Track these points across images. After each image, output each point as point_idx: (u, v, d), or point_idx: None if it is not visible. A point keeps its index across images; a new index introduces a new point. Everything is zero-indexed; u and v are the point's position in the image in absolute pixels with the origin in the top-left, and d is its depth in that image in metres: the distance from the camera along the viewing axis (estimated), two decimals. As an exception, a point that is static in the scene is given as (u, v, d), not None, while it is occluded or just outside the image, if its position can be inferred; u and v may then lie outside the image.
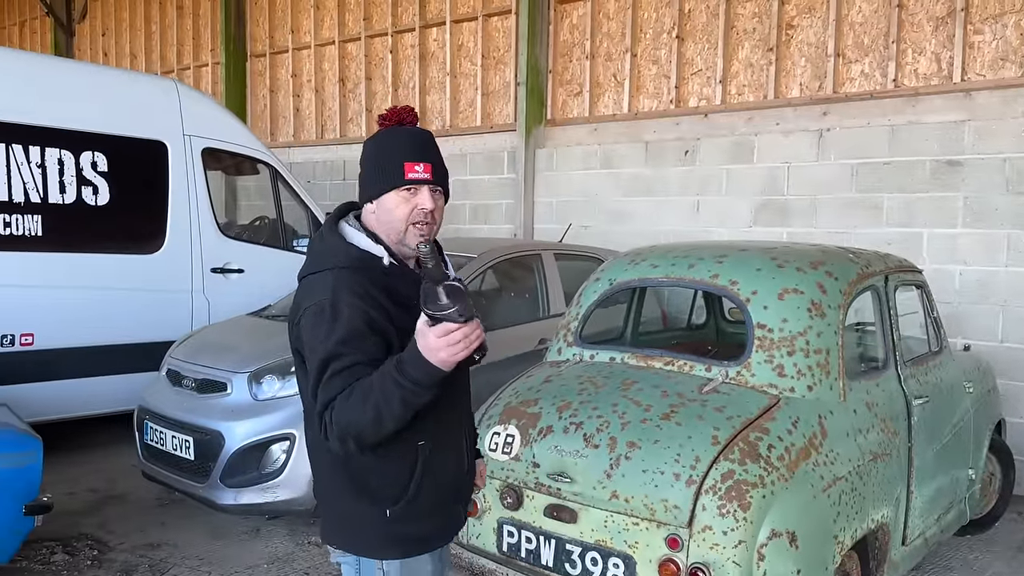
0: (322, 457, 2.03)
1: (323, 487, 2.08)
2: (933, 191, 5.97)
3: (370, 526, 1.98)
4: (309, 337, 1.89)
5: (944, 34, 6.02)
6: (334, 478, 2.00)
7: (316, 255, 2.02)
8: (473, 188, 8.87)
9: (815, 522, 2.90)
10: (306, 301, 1.93)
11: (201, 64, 12.20)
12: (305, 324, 1.91)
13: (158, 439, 4.78)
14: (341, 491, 1.99)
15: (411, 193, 1.95)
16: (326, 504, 2.08)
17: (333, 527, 2.07)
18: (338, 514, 2.03)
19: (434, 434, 1.98)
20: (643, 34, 7.62)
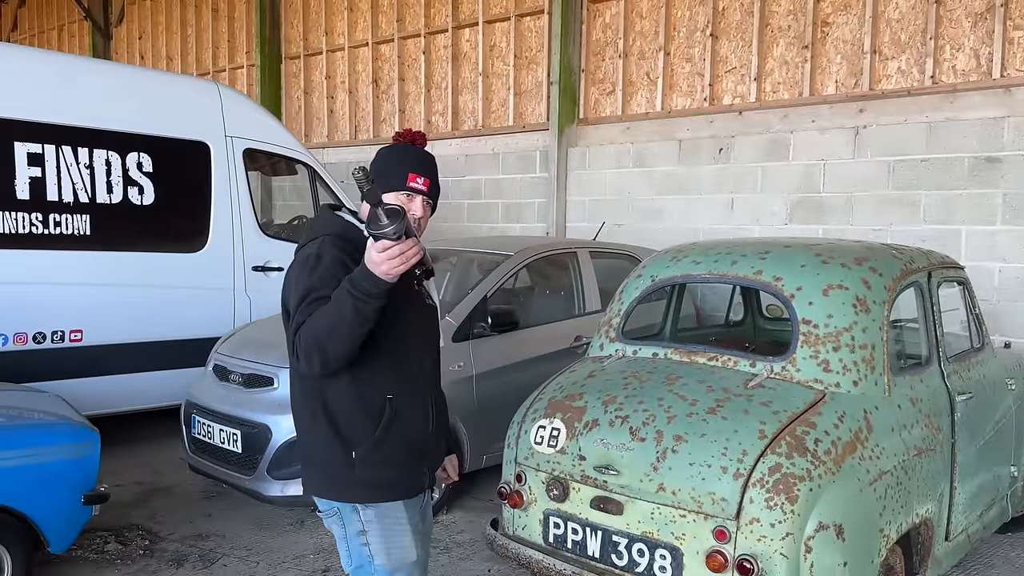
0: (304, 410, 2.26)
1: (304, 440, 2.30)
2: (971, 188, 5.94)
3: (344, 468, 2.20)
4: (293, 283, 2.17)
5: (983, 30, 5.98)
6: (314, 429, 2.23)
7: (309, 230, 2.31)
8: (505, 187, 8.94)
9: (861, 516, 2.92)
10: (303, 252, 2.22)
11: (236, 66, 12.38)
12: (291, 275, 2.20)
13: (206, 433, 4.89)
14: (320, 441, 2.22)
15: (407, 199, 2.25)
16: (307, 457, 2.30)
17: (314, 478, 2.29)
18: (318, 464, 2.26)
19: (399, 390, 2.24)
20: (676, 32, 7.64)
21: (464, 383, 5.00)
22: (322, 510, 2.31)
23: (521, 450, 3.48)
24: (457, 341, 5.04)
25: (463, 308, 5.17)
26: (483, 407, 5.02)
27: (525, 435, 3.48)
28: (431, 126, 9.85)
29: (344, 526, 2.26)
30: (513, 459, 3.51)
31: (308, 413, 2.24)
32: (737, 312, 5.51)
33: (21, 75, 5.53)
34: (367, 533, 2.24)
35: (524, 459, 3.45)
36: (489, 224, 9.10)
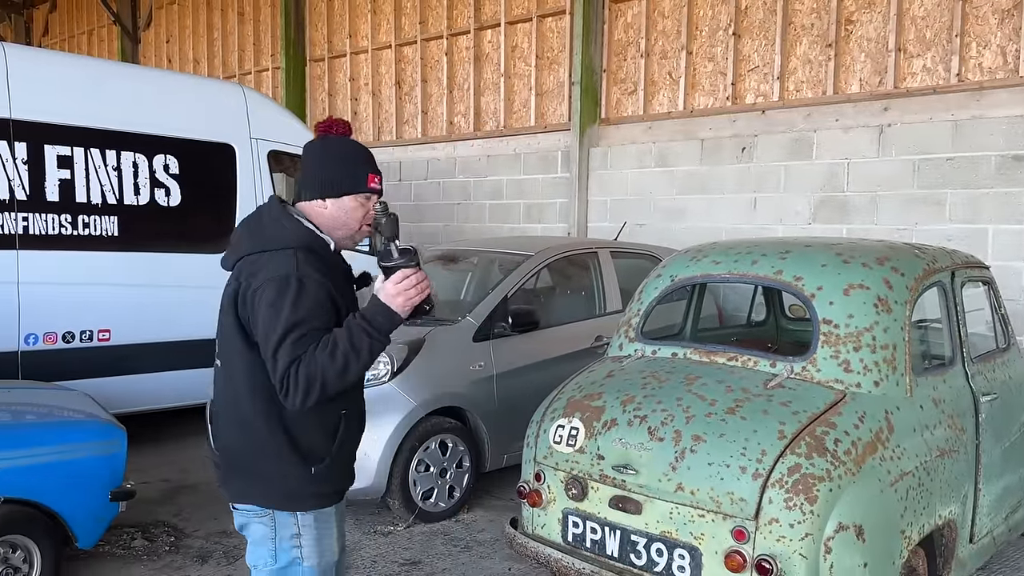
0: (257, 424, 2.16)
1: (242, 449, 2.21)
2: (998, 187, 5.87)
3: (295, 482, 2.17)
4: (270, 305, 2.06)
5: (1010, 27, 5.91)
6: (268, 443, 2.15)
7: (272, 234, 2.18)
8: (527, 187, 8.96)
9: (882, 516, 2.91)
10: (265, 273, 2.10)
11: (262, 69, 12.51)
12: (266, 294, 2.07)
13: (230, 431, 4.94)
14: (272, 454, 2.16)
15: (366, 199, 2.26)
16: (242, 465, 2.21)
17: (249, 486, 2.20)
18: (259, 473, 2.18)
19: (349, 403, 2.26)
20: (699, 31, 7.62)
21: (484, 383, 5.03)
22: (249, 511, 2.22)
23: (540, 449, 3.49)
24: (477, 341, 5.07)
25: (483, 308, 5.20)
26: (504, 406, 5.05)
27: (544, 434, 3.49)
28: (453, 127, 9.89)
29: (275, 528, 2.20)
30: (532, 458, 3.53)
31: (263, 428, 2.14)
32: (759, 312, 5.48)
33: (51, 79, 5.64)
34: (301, 536, 2.21)
35: (543, 458, 3.46)
36: (511, 224, 9.12)
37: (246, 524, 2.25)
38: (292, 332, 2.02)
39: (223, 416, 2.26)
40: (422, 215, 10.07)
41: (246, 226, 2.27)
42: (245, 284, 2.13)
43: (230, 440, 2.24)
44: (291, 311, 2.04)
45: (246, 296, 2.12)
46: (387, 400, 4.63)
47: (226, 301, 2.18)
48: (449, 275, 6.34)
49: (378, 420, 4.56)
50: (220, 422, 2.28)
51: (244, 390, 2.17)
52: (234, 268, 2.21)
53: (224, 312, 2.18)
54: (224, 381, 2.24)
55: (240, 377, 2.16)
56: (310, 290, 2.08)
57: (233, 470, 2.24)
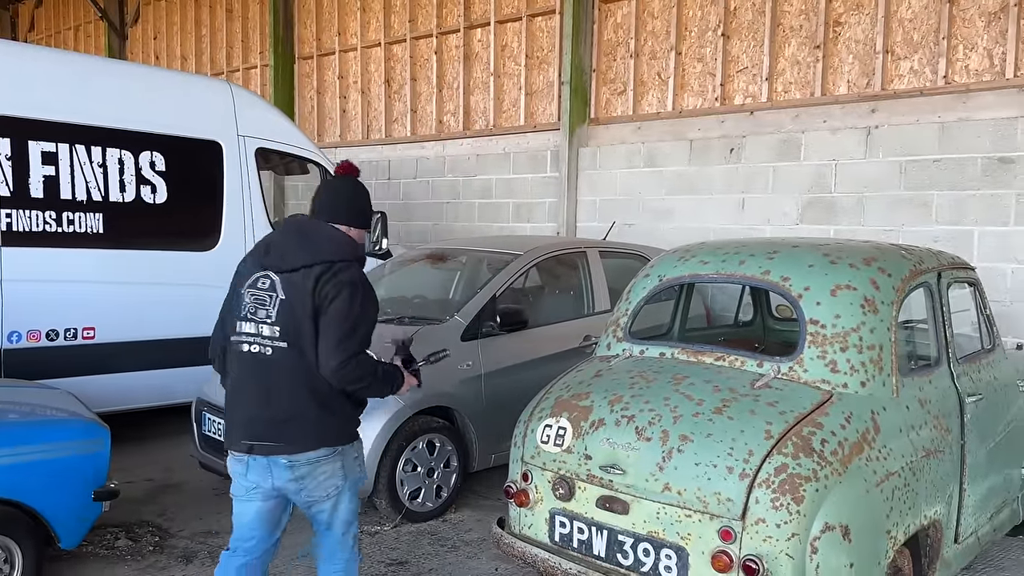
0: (318, 387, 2.87)
1: (314, 409, 2.88)
2: (985, 188, 5.90)
3: (352, 423, 3.06)
4: (347, 303, 2.81)
5: (996, 30, 5.94)
6: (334, 398, 2.91)
7: (340, 245, 2.94)
8: (516, 187, 8.95)
9: (868, 517, 2.91)
10: (349, 276, 2.85)
11: (250, 66, 12.45)
12: (345, 295, 2.81)
13: (216, 430, 4.92)
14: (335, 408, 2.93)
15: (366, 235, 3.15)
16: (314, 421, 2.89)
17: (323, 434, 2.92)
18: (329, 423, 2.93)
19: None
20: (688, 32, 7.63)
21: (472, 382, 5.02)
22: (319, 454, 2.90)
23: (527, 449, 3.48)
24: (466, 340, 5.05)
25: (472, 307, 5.19)
26: (491, 406, 5.03)
27: (531, 434, 3.49)
28: (443, 126, 9.87)
29: (343, 457, 2.98)
30: (519, 458, 3.52)
31: (332, 390, 2.88)
32: (747, 312, 5.49)
33: (37, 75, 5.59)
34: (357, 457, 3.09)
35: (530, 458, 3.46)
36: (500, 224, 9.11)
37: (311, 470, 2.90)
38: (359, 328, 2.84)
39: (288, 387, 2.87)
40: (411, 214, 10.04)
41: (299, 235, 2.96)
42: (324, 287, 2.81)
43: (299, 405, 2.87)
44: (363, 313, 2.86)
45: (326, 295, 2.80)
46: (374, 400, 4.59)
47: (301, 297, 2.82)
48: (438, 274, 6.33)
49: (365, 420, 4.46)
50: (283, 394, 2.87)
51: (305, 366, 2.86)
52: (294, 273, 2.85)
53: (301, 306, 2.82)
54: (295, 359, 2.85)
55: (314, 355, 2.83)
56: (373, 301, 2.92)
57: (303, 428, 2.88)
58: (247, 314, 2.93)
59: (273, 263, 2.92)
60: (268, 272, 2.91)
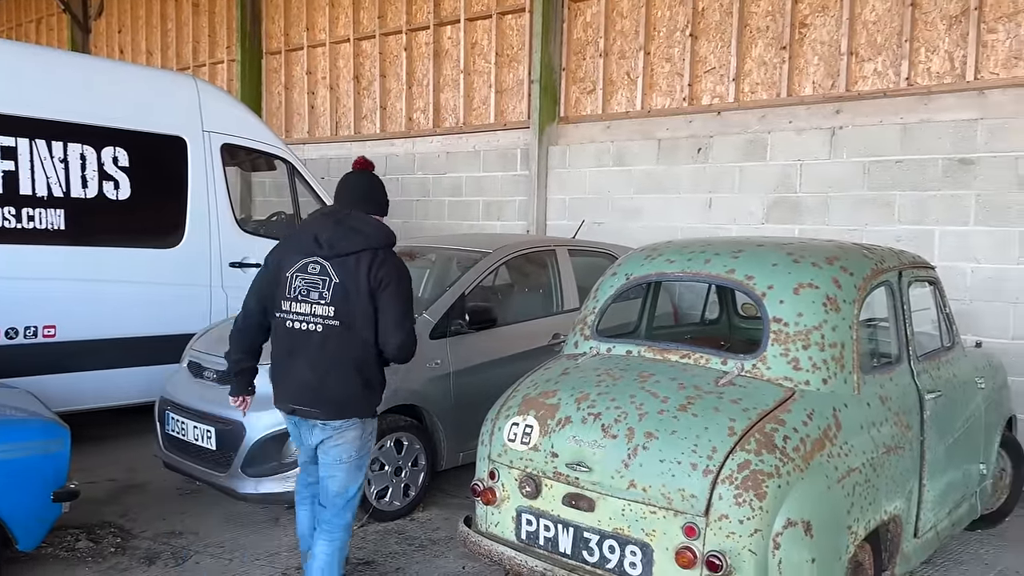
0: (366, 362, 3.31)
1: (355, 382, 3.30)
2: (945, 189, 6.01)
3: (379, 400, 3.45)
4: (397, 284, 3.26)
5: (958, 33, 6.05)
6: (375, 375, 3.37)
7: (382, 233, 3.36)
8: (486, 185, 8.94)
9: (829, 512, 2.95)
10: (395, 263, 3.31)
11: (217, 61, 12.30)
12: (398, 279, 3.27)
13: (179, 429, 4.86)
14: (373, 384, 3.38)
15: None
16: (352, 393, 3.30)
17: (357, 405, 3.33)
18: (363, 396, 3.35)
19: None
20: (657, 32, 7.67)
21: (441, 380, 5.00)
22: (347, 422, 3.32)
23: (494, 447, 3.48)
24: (434, 338, 5.04)
25: (440, 305, 5.17)
26: (460, 404, 5.02)
27: (499, 432, 3.49)
28: (412, 123, 9.83)
29: (364, 428, 3.39)
30: (486, 456, 3.52)
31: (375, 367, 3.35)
32: (713, 311, 5.55)
33: (-5, 67, 5.48)
34: (374, 432, 3.50)
35: (497, 456, 3.46)
36: (470, 222, 9.10)
37: (337, 434, 3.33)
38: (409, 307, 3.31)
39: (333, 362, 3.26)
40: (380, 211, 9.99)
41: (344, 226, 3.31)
42: (378, 272, 3.23)
43: (341, 378, 3.27)
44: (409, 293, 3.33)
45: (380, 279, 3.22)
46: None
47: (356, 281, 3.22)
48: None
49: (331, 418, 4.50)
50: (327, 367, 3.26)
51: (369, 343, 3.28)
52: (344, 258, 3.23)
53: (355, 290, 3.22)
54: (344, 336, 3.24)
55: (367, 334, 3.26)
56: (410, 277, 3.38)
57: (340, 399, 3.29)
58: (298, 295, 3.30)
59: (322, 250, 3.28)
60: (317, 258, 3.28)
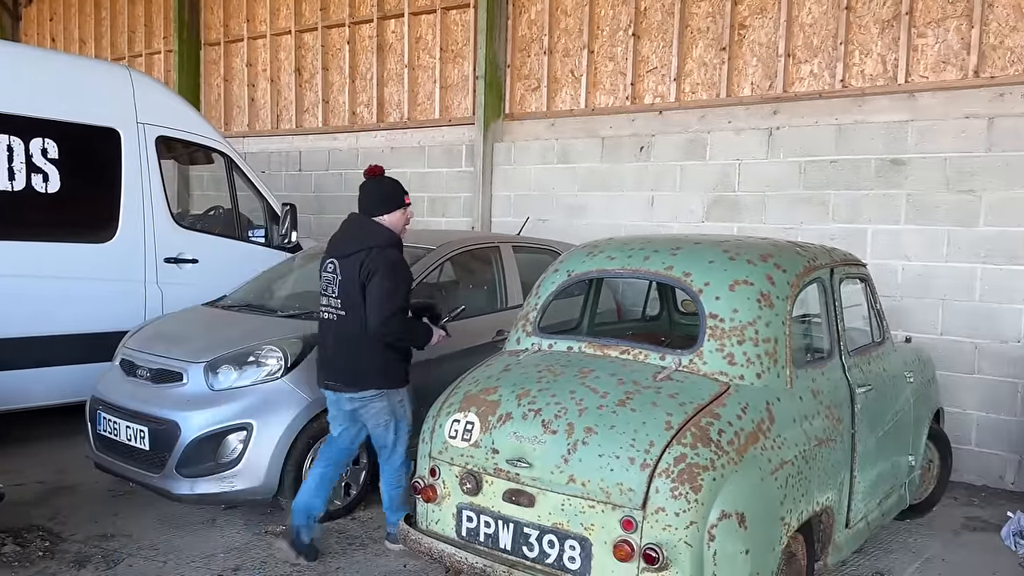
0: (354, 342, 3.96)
1: (367, 358, 3.96)
2: (877, 189, 6.18)
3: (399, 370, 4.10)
4: (385, 276, 3.87)
5: (890, 36, 6.23)
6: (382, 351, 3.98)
7: (371, 232, 4.01)
8: (431, 181, 8.90)
9: (763, 504, 3.01)
10: (384, 261, 3.90)
11: (153, 52, 11.98)
12: (384, 270, 3.88)
13: (111, 429, 4.73)
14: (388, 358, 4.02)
15: (406, 209, 4.16)
16: (367, 368, 3.97)
17: (371, 379, 4.00)
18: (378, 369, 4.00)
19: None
20: (600, 31, 7.72)
21: (382, 377, 4.95)
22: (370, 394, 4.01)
23: (435, 444, 3.47)
24: (376, 335, 4.99)
25: (382, 302, 5.13)
26: (402, 401, 4.98)
27: (439, 429, 3.47)
28: (356, 117, 9.72)
29: (389, 398, 4.05)
30: (427, 453, 3.50)
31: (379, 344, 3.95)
32: (653, 307, 5.61)
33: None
34: (403, 400, 4.12)
35: (438, 453, 3.45)
36: (415, 218, 8.99)
37: (365, 404, 4.04)
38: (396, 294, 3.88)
39: (346, 344, 3.99)
40: (323, 207, 9.86)
41: (349, 231, 4.10)
42: (369, 267, 3.88)
43: (357, 355, 3.96)
44: (396, 284, 3.90)
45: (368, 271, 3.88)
46: (279, 396, 4.51)
47: (351, 276, 3.93)
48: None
49: (269, 418, 4.45)
50: (343, 349, 4.00)
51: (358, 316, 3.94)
52: (349, 258, 3.96)
53: (351, 283, 3.93)
54: (350, 323, 3.96)
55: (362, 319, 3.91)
56: (406, 275, 4.00)
57: (356, 373, 3.98)
58: (322, 291, 4.12)
59: (335, 252, 4.08)
60: (333, 259, 4.07)
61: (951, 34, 5.97)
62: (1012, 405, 5.72)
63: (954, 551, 4.61)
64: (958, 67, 5.94)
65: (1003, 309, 5.71)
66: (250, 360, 4.60)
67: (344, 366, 4.00)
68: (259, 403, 4.47)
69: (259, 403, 4.47)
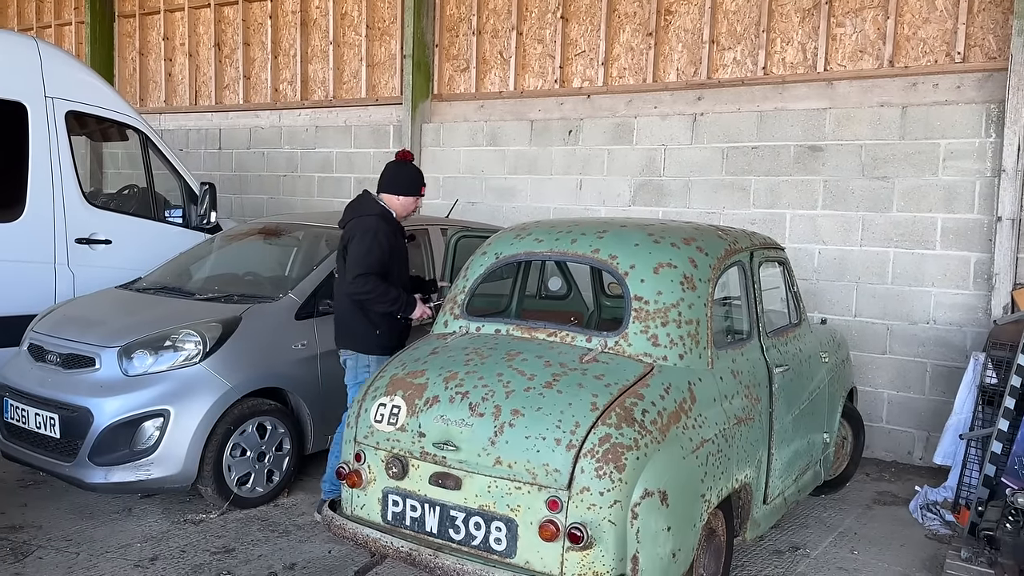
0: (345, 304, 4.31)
1: (346, 320, 4.33)
2: (796, 175, 6.35)
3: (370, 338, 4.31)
4: (360, 239, 4.20)
5: (810, 25, 6.38)
6: (355, 315, 4.28)
7: (365, 205, 4.39)
8: (358, 162, 8.76)
9: (684, 482, 3.07)
10: (360, 226, 4.25)
11: (63, 23, 11.42)
12: (359, 237, 4.22)
13: (19, 417, 4.53)
14: (359, 321, 4.28)
15: (416, 199, 4.50)
16: (346, 327, 4.35)
17: (348, 339, 4.36)
18: (353, 332, 4.32)
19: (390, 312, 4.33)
20: (529, 13, 7.70)
21: (308, 362, 4.88)
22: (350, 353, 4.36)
23: (361, 429, 3.42)
24: (301, 319, 4.91)
25: (307, 285, 5.04)
26: (329, 386, 4.91)
27: (365, 413, 3.43)
28: (279, 94, 9.47)
29: (356, 362, 4.35)
30: (352, 438, 3.45)
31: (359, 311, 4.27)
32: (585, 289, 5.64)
33: None
34: (370, 368, 4.26)
35: (364, 438, 3.40)
36: (342, 199, 8.86)
37: (347, 360, 4.38)
38: (367, 260, 4.15)
39: (337, 303, 4.42)
40: (245, 186, 9.60)
41: (353, 203, 4.46)
42: (349, 233, 4.28)
43: (341, 316, 4.36)
44: (368, 252, 4.17)
45: (349, 237, 4.26)
46: (197, 382, 4.39)
47: (343, 243, 4.32)
48: (272, 250, 6.09)
49: (188, 404, 4.33)
50: (337, 307, 4.41)
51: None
52: (346, 225, 4.35)
53: (343, 249, 4.30)
54: (340, 286, 4.34)
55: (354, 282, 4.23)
56: (378, 242, 4.21)
57: (340, 333, 4.39)
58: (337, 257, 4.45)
59: (341, 220, 4.45)
60: (343, 229, 4.41)
61: (868, 24, 6.16)
62: (921, 384, 5.98)
63: (866, 524, 4.80)
64: (874, 56, 6.13)
65: (914, 292, 5.96)
66: (166, 344, 4.45)
67: (337, 327, 4.42)
68: (176, 389, 4.34)
69: (176, 389, 4.34)
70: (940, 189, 5.83)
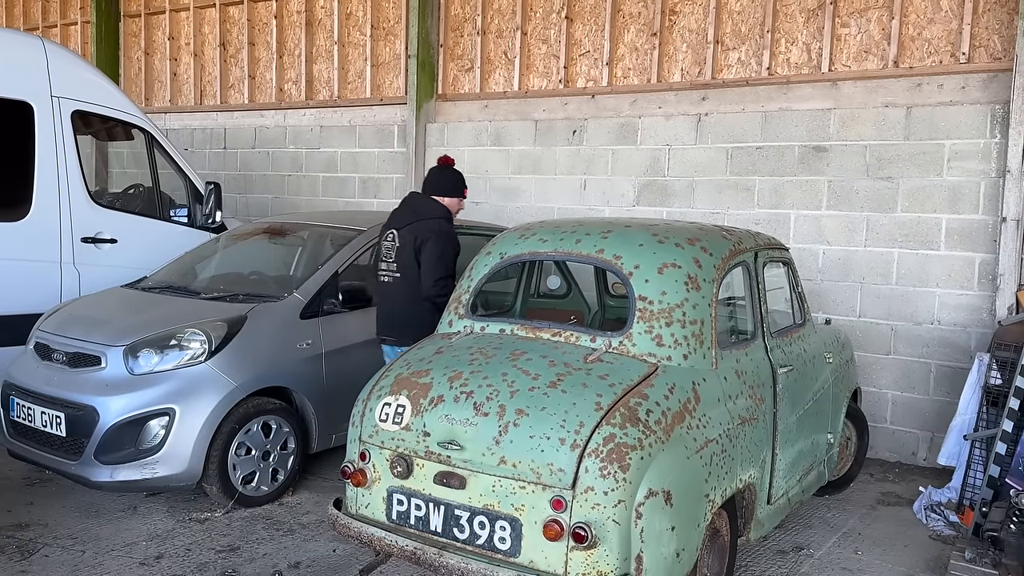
0: (407, 301, 4.49)
1: (412, 319, 4.41)
2: (800, 175, 6.35)
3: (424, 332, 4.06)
4: (435, 245, 4.44)
5: (814, 26, 6.38)
6: (424, 314, 4.34)
7: (427, 207, 4.62)
8: (363, 161, 8.77)
9: (688, 482, 3.08)
10: (433, 229, 4.50)
11: (69, 22, 11.46)
12: (434, 240, 4.44)
13: (26, 415, 4.55)
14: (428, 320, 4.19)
15: (460, 200, 4.79)
16: (409, 326, 4.37)
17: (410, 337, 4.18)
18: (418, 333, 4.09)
19: None
20: (533, 13, 7.70)
21: (312, 361, 4.90)
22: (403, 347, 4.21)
23: (366, 428, 3.44)
24: (306, 318, 4.93)
25: (312, 284, 5.06)
26: (332, 385, 4.94)
27: (370, 412, 3.44)
28: (284, 94, 9.49)
29: None
30: (357, 437, 3.47)
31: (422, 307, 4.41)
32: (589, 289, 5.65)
33: None
34: None
35: (369, 437, 3.41)
36: (346, 199, 8.90)
37: None
38: (443, 260, 4.42)
39: (400, 302, 4.53)
40: (250, 186, 9.62)
41: (408, 206, 4.70)
42: (422, 236, 4.46)
43: (407, 313, 4.47)
44: (445, 251, 4.44)
45: (423, 240, 4.45)
46: (203, 381, 4.40)
47: (408, 245, 4.50)
48: (277, 249, 6.11)
49: (192, 403, 4.35)
50: (399, 306, 4.55)
51: (416, 288, 4.47)
52: (405, 228, 4.54)
53: (407, 252, 4.50)
54: (403, 285, 4.53)
55: (414, 282, 4.47)
56: (454, 243, 4.51)
57: (406, 328, 4.40)
58: (383, 257, 4.65)
59: (394, 224, 4.64)
60: (392, 230, 4.62)
61: (873, 24, 6.15)
62: (925, 385, 5.98)
63: (870, 525, 4.80)
64: (879, 57, 6.13)
65: (918, 292, 5.95)
66: (172, 343, 4.47)
67: (396, 323, 4.54)
68: (182, 387, 4.36)
69: (182, 387, 4.36)
70: (944, 190, 5.82)
